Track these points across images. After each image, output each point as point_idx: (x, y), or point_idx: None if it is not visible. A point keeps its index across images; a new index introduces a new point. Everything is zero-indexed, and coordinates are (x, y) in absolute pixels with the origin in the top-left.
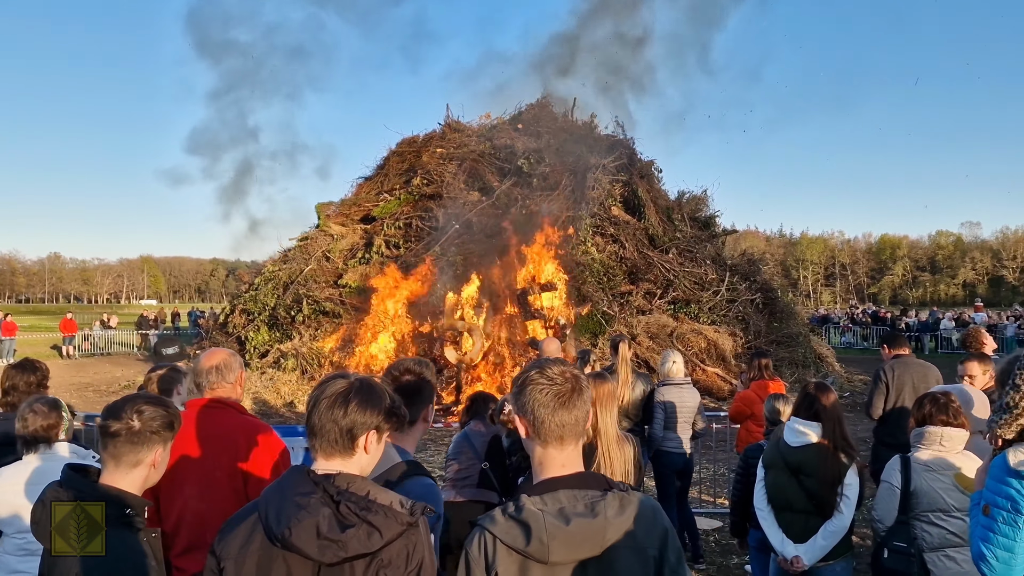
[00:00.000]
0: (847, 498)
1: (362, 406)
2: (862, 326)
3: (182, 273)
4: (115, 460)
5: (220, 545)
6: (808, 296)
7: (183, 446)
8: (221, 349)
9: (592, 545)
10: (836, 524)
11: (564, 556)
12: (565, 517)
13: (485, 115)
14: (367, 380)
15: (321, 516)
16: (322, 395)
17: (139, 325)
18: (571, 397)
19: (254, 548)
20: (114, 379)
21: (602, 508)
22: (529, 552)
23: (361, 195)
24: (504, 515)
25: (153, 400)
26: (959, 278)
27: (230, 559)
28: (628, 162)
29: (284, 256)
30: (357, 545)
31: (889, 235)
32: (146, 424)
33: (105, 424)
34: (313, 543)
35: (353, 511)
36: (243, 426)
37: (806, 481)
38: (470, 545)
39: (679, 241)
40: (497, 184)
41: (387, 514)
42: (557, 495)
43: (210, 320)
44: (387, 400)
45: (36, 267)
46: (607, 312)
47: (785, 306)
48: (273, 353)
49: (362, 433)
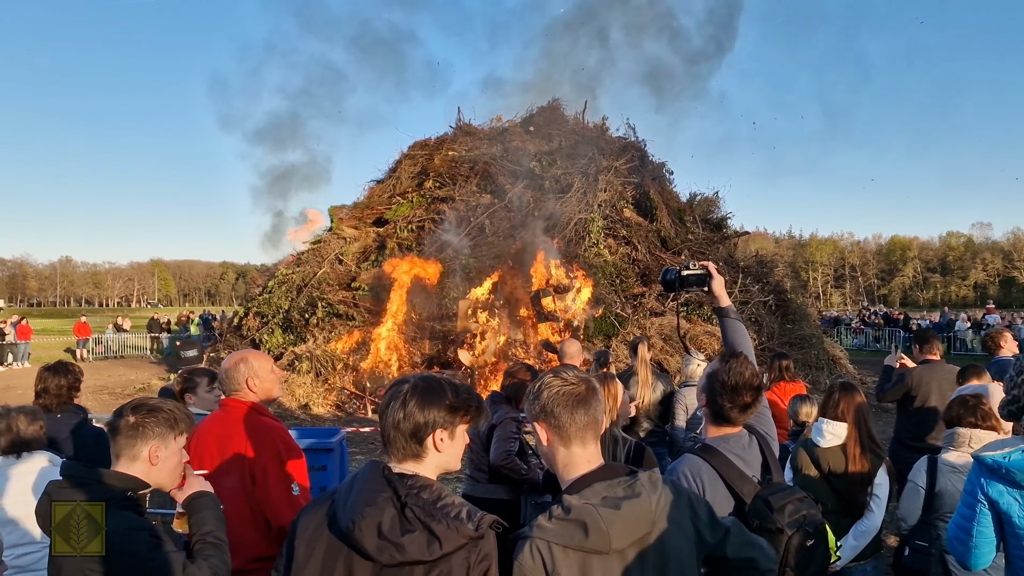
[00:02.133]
0: (877, 498)
1: (421, 406)
2: (874, 328)
3: (192, 276)
4: (116, 456)
5: (300, 521)
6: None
7: (204, 446)
8: (240, 351)
9: (645, 522)
10: (867, 524)
11: (624, 540)
12: (613, 504)
13: (496, 118)
14: (427, 378)
15: (385, 515)
16: (385, 403)
17: (151, 328)
18: (588, 397)
19: (325, 535)
20: (128, 382)
21: (640, 488)
22: (591, 546)
23: (373, 198)
24: (551, 519)
25: (154, 400)
26: (970, 279)
27: (303, 540)
28: (639, 164)
29: (297, 259)
30: (415, 551)
31: (899, 236)
32: (140, 419)
33: (109, 422)
34: (373, 541)
35: (417, 515)
36: (256, 427)
37: (835, 481)
38: (521, 556)
39: (691, 243)
40: (509, 187)
41: (450, 525)
42: (594, 488)
43: (222, 323)
44: (449, 395)
45: (48, 271)
46: (620, 314)
47: (798, 308)
48: (287, 356)
49: (427, 433)
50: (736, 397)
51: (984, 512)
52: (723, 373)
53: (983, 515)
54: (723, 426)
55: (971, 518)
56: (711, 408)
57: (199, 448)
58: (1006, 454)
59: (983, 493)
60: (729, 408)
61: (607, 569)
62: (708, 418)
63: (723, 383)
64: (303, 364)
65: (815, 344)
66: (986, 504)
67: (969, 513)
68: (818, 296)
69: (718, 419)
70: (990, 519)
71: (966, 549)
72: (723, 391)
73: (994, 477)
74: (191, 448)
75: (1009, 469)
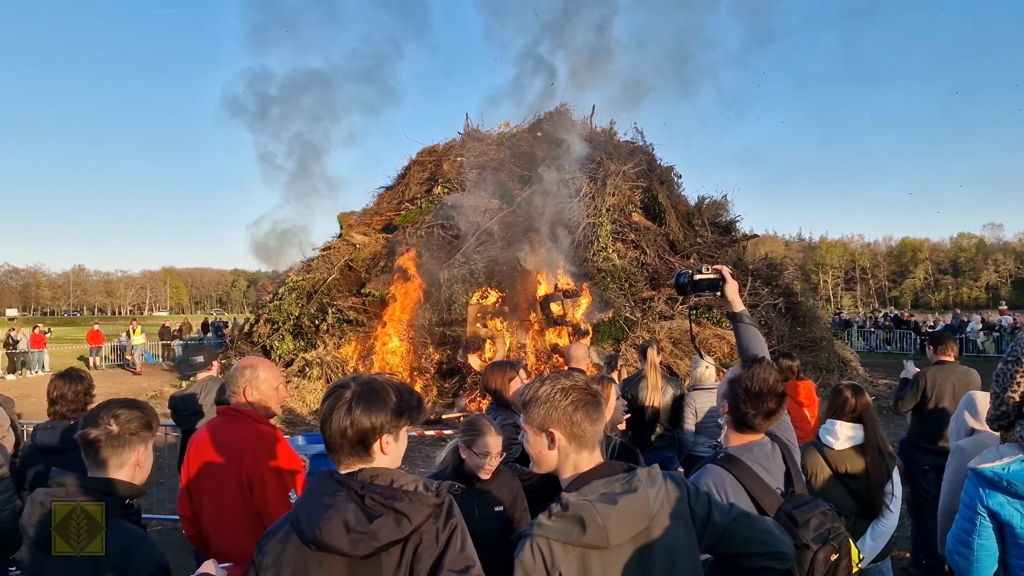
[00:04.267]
0: (895, 498)
1: (367, 411)
2: (885, 330)
3: (203, 284)
4: (98, 466)
5: (258, 558)
6: (828, 300)
7: (206, 453)
8: (253, 358)
9: (643, 517)
10: (885, 524)
11: (622, 535)
12: (611, 499)
13: (504, 123)
14: (368, 384)
15: (348, 512)
16: (328, 410)
17: (162, 336)
18: (601, 404)
19: (289, 557)
20: (140, 389)
21: (638, 483)
22: (588, 541)
23: (382, 204)
24: (550, 516)
25: (127, 403)
26: (982, 280)
27: (267, 570)
28: (648, 168)
29: (307, 266)
30: (387, 533)
31: (910, 238)
32: (124, 427)
33: (84, 432)
34: (344, 538)
35: (378, 501)
36: (252, 436)
37: (853, 484)
38: (521, 554)
39: (700, 246)
40: (517, 191)
41: (412, 499)
42: (593, 485)
43: (233, 329)
44: (393, 398)
45: (61, 280)
46: (629, 318)
47: (808, 310)
48: (298, 362)
49: (375, 439)
50: (760, 404)
51: (984, 524)
52: (746, 379)
53: (983, 527)
54: (746, 433)
55: (971, 531)
56: (734, 415)
57: (198, 456)
58: (1005, 465)
59: (983, 505)
60: (753, 415)
61: (606, 564)
62: (731, 425)
63: (747, 389)
64: (313, 370)
65: (825, 347)
66: (986, 516)
67: (969, 526)
68: (829, 299)
69: (741, 426)
70: (991, 530)
71: (967, 563)
72: (747, 397)
73: (994, 488)
74: (191, 456)
75: (1010, 481)
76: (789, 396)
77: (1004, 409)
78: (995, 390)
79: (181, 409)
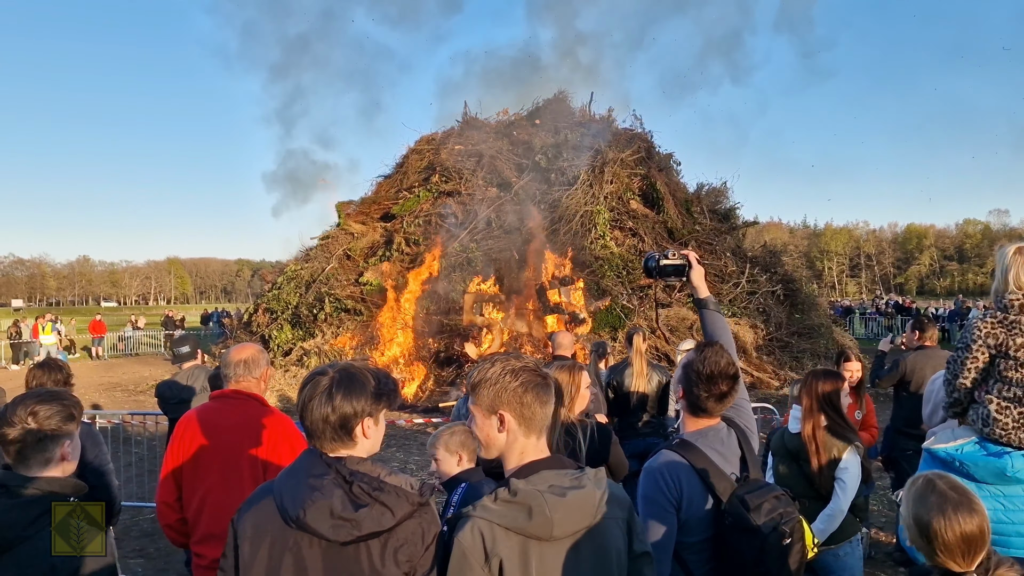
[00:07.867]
0: (842, 482)
1: (348, 397)
2: (886, 316)
3: (208, 274)
4: (25, 464)
5: (240, 523)
6: (833, 287)
7: (207, 435)
8: (250, 344)
9: (588, 514)
10: (831, 508)
11: (567, 528)
12: (560, 492)
13: (503, 111)
14: (345, 370)
15: (335, 496)
16: (308, 398)
17: (165, 326)
18: (552, 389)
19: (268, 530)
20: (142, 379)
21: (586, 481)
22: (533, 530)
23: (381, 193)
24: (496, 500)
25: (44, 396)
26: (987, 267)
27: (246, 539)
28: (646, 155)
29: (306, 255)
30: (370, 524)
31: (915, 224)
32: (43, 423)
33: (2, 434)
34: (327, 522)
35: (366, 491)
36: (267, 418)
37: (804, 467)
38: (461, 534)
39: (698, 234)
40: (515, 180)
41: (398, 494)
42: (543, 475)
43: (235, 320)
44: (372, 383)
45: (66, 270)
46: (626, 306)
47: (806, 297)
48: (296, 351)
49: (356, 423)
50: (712, 386)
51: None
52: (698, 362)
53: None
54: (701, 418)
55: None
56: (688, 399)
57: (194, 439)
58: (958, 447)
59: None
60: (706, 398)
61: (545, 556)
62: (686, 410)
63: (699, 372)
64: (312, 359)
65: (824, 333)
66: None
67: None
68: (833, 286)
69: (695, 410)
70: None
71: None
72: (699, 380)
73: (948, 470)
74: (184, 440)
75: (963, 462)
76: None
77: (957, 396)
78: (947, 377)
79: (168, 397)
